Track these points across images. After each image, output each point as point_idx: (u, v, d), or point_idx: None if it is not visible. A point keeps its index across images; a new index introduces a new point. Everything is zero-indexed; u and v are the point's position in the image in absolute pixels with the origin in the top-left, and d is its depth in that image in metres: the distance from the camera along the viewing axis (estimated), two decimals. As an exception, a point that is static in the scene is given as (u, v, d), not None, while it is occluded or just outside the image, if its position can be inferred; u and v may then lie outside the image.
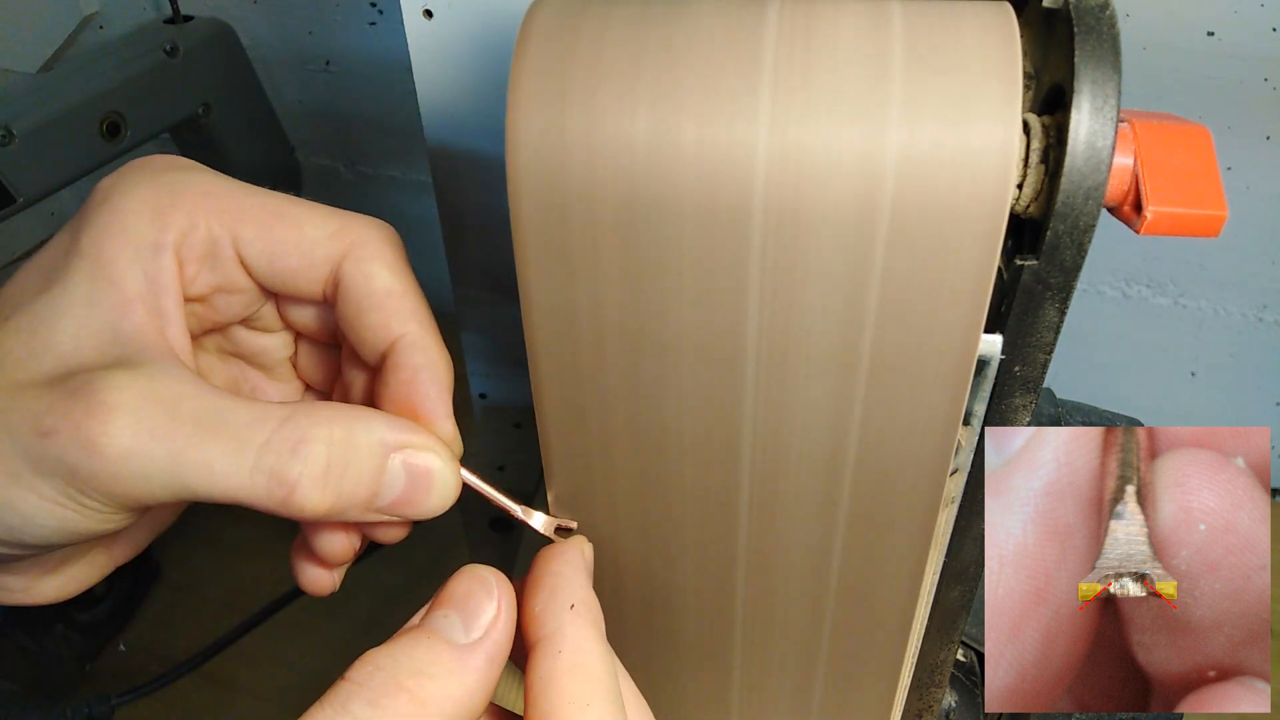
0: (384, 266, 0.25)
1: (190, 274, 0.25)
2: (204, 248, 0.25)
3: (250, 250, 0.25)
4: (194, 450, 0.22)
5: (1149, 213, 0.24)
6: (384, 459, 0.24)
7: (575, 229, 0.23)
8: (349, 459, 0.23)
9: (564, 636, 0.24)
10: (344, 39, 0.82)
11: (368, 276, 0.25)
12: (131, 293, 0.24)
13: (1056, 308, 0.24)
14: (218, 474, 0.22)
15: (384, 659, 0.22)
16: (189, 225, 0.25)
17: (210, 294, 0.26)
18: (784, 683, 0.32)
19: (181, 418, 0.22)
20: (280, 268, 0.25)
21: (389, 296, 0.25)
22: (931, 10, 0.23)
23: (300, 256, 0.25)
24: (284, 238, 0.25)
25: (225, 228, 0.25)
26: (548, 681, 0.23)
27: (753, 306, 0.24)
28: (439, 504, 0.25)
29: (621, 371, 0.26)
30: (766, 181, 0.22)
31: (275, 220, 0.25)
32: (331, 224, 0.25)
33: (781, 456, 0.26)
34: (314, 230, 0.25)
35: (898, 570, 0.28)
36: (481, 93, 0.49)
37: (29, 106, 0.64)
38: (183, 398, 0.22)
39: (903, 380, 0.24)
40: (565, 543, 0.25)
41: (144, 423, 0.21)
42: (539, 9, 0.24)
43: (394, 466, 0.24)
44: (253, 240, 0.25)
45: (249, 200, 0.25)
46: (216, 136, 0.78)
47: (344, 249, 0.25)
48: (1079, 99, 0.22)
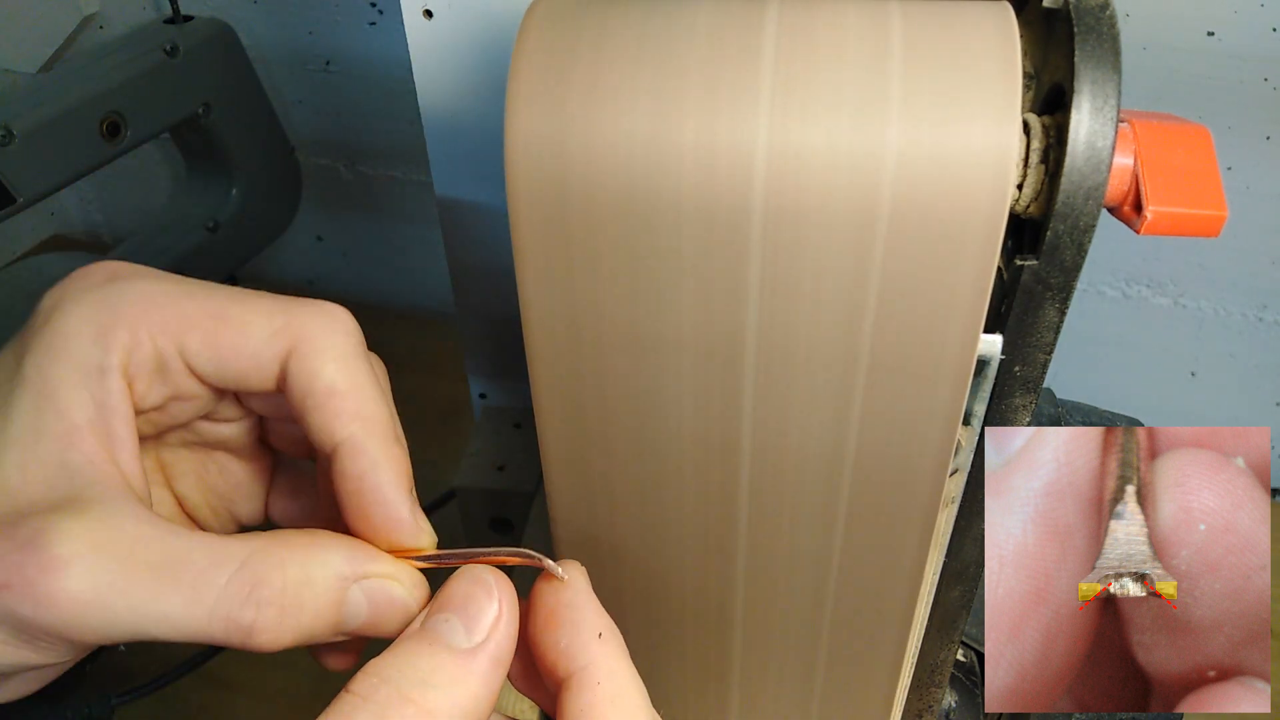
0: (329, 361, 0.25)
1: (140, 390, 0.25)
2: (151, 363, 0.24)
3: (197, 360, 0.25)
4: (151, 604, 0.21)
5: (1149, 213, 0.24)
6: (343, 592, 0.23)
7: (574, 228, 0.23)
8: (304, 599, 0.23)
9: (599, 668, 0.23)
10: (344, 39, 0.82)
11: (311, 375, 0.24)
12: (79, 420, 0.23)
13: (1056, 308, 0.24)
14: (175, 622, 0.22)
15: (388, 670, 0.21)
16: (133, 342, 0.24)
17: (164, 403, 0.26)
18: (784, 682, 0.32)
19: (137, 566, 0.21)
20: (229, 371, 0.25)
21: (330, 396, 0.24)
22: (931, 10, 0.23)
23: (247, 359, 0.25)
24: (230, 343, 0.25)
25: (170, 339, 0.24)
26: (589, 714, 0.23)
27: (752, 306, 0.24)
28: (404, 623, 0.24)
29: (621, 371, 0.26)
30: (766, 181, 0.22)
31: (219, 325, 0.25)
32: (277, 321, 0.25)
33: (781, 456, 0.26)
34: (259, 330, 0.25)
35: (897, 570, 0.28)
36: (481, 93, 0.49)
37: (29, 106, 0.64)
38: (137, 542, 0.22)
39: (902, 380, 0.24)
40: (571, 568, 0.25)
41: (99, 576, 0.21)
42: (538, 9, 0.24)
43: (355, 598, 0.24)
44: (199, 351, 0.25)
45: (190, 306, 0.25)
46: (216, 136, 0.78)
47: (289, 345, 0.25)
48: (1079, 99, 0.22)
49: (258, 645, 0.22)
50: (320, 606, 0.23)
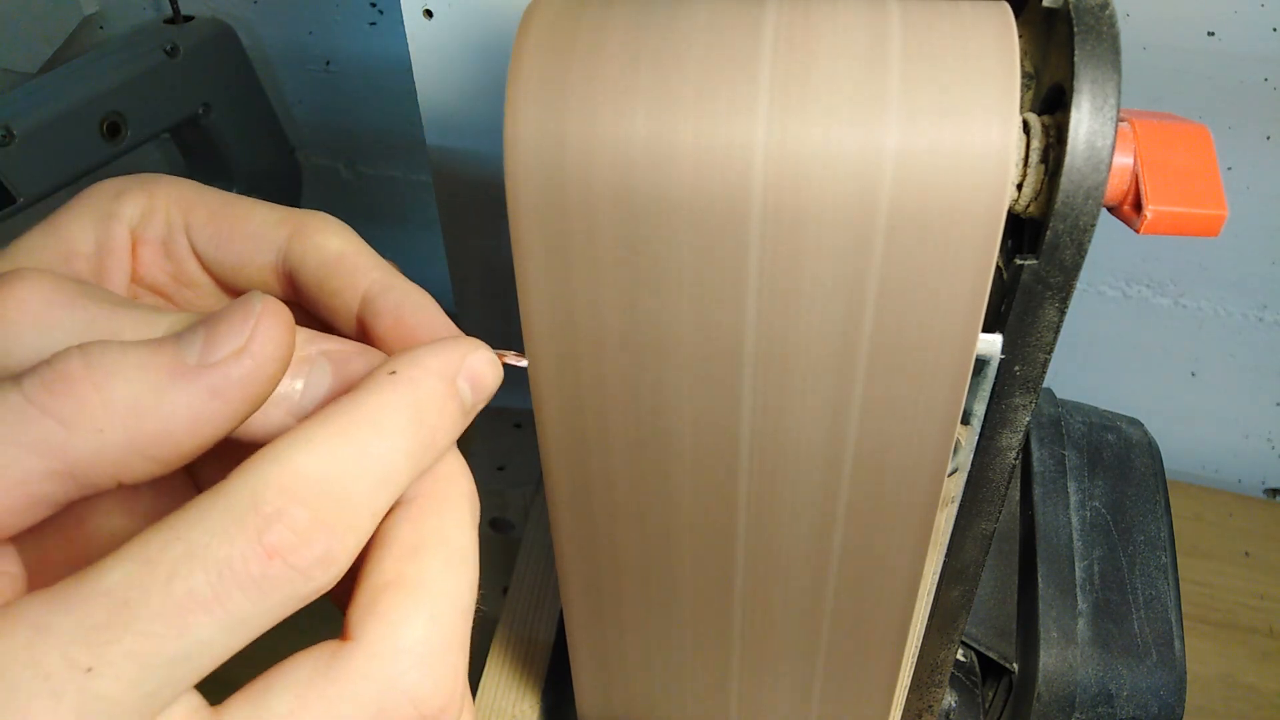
0: (332, 236, 0.25)
1: (144, 256, 0.25)
2: (160, 230, 0.25)
3: (200, 236, 0.25)
4: (106, 319, 0.20)
5: (1149, 212, 0.24)
6: (303, 352, 0.21)
7: (573, 229, 0.23)
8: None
9: None
10: (344, 39, 0.82)
11: (319, 246, 0.25)
12: (78, 248, 0.24)
13: (1056, 307, 0.24)
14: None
15: (94, 345, 0.18)
16: (148, 206, 0.25)
17: (167, 283, 0.26)
18: (783, 682, 0.32)
19: (98, 297, 0.21)
20: (228, 253, 0.25)
21: (343, 258, 0.24)
22: (929, 10, 0.23)
23: (247, 240, 0.25)
24: (232, 224, 0.25)
25: (180, 213, 0.25)
26: None
27: (751, 306, 0.24)
28: None
29: (620, 371, 0.25)
30: (765, 181, 0.22)
31: (225, 208, 0.25)
32: (279, 213, 0.25)
33: (780, 456, 0.26)
34: (262, 216, 0.25)
35: (897, 570, 0.28)
36: (481, 93, 0.49)
37: (29, 106, 0.64)
38: (102, 290, 0.21)
39: (901, 379, 0.24)
40: None
41: (57, 294, 0.20)
42: (537, 9, 0.24)
43: (319, 363, 0.22)
44: (203, 226, 0.25)
45: (204, 192, 0.26)
46: (216, 136, 0.78)
47: (291, 231, 0.25)
48: (1079, 98, 0.22)
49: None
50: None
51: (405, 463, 0.20)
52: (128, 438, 0.18)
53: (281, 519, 0.18)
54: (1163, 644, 0.37)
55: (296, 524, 0.18)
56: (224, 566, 0.17)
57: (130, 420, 0.18)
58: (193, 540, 0.17)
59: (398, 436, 0.20)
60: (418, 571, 0.20)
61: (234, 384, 0.19)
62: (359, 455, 0.19)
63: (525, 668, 0.46)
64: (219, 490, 0.18)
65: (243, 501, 0.18)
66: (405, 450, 0.20)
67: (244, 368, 0.19)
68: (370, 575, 0.20)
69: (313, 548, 0.18)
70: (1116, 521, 0.41)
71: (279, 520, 0.17)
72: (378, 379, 0.20)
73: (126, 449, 0.18)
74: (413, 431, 0.20)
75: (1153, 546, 0.40)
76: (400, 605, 0.20)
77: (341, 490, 0.18)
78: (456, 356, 0.21)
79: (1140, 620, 0.38)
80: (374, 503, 0.19)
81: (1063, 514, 0.41)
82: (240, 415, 0.19)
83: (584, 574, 0.31)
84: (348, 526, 0.18)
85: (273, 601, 0.18)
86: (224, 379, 0.18)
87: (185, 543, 0.17)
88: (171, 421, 0.18)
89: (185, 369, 0.18)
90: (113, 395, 0.18)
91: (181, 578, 0.17)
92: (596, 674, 0.34)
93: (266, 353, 0.19)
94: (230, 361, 0.18)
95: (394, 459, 0.20)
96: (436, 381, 0.21)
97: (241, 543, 0.17)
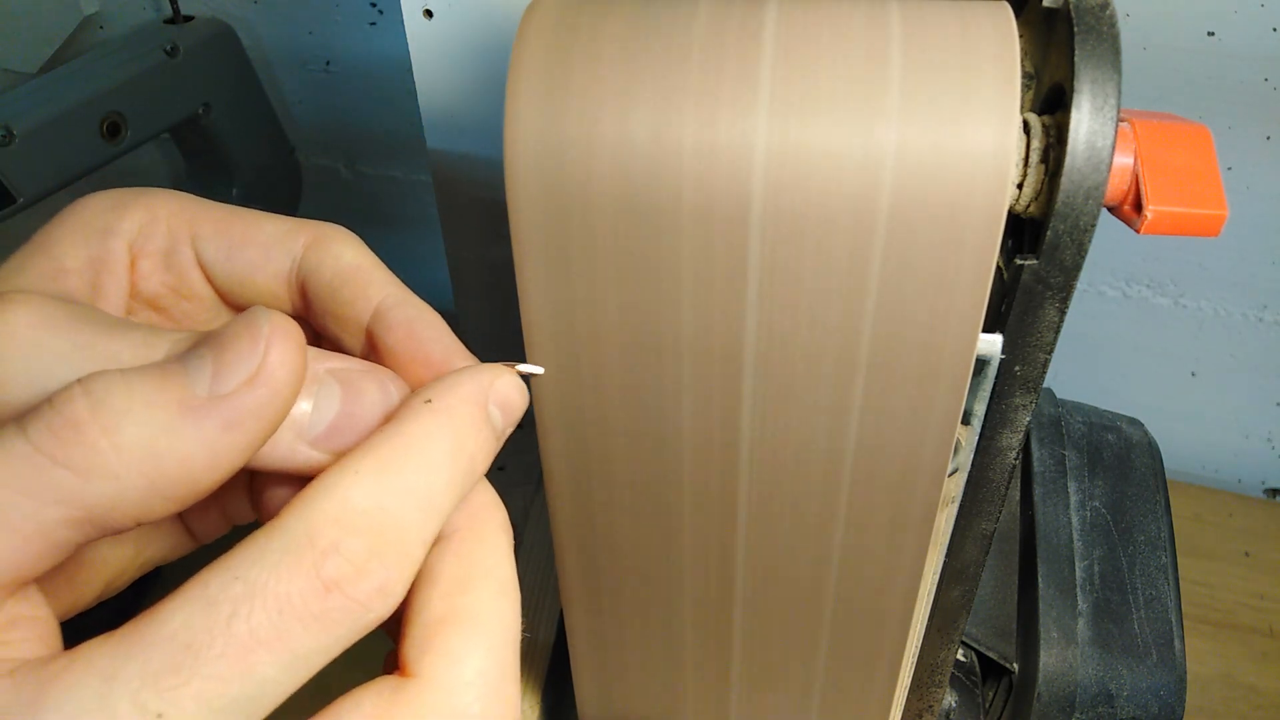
0: (348, 247, 0.24)
1: (144, 269, 0.24)
2: (162, 241, 0.24)
3: (208, 247, 0.25)
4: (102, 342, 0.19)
5: (1149, 212, 0.24)
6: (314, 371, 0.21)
7: (573, 229, 0.23)
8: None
9: None
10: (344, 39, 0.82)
11: (335, 256, 0.24)
12: (68, 265, 0.23)
13: (1056, 307, 0.24)
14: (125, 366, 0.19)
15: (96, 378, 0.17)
16: (148, 218, 0.24)
17: (166, 295, 0.25)
18: (783, 683, 0.32)
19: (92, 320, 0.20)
20: (239, 261, 0.24)
21: (358, 270, 0.24)
22: (929, 10, 0.23)
23: (258, 249, 0.24)
24: (242, 233, 0.25)
25: (184, 224, 0.24)
26: None
27: (751, 306, 0.24)
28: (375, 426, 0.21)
29: (620, 372, 0.25)
30: (765, 182, 0.22)
31: (233, 218, 0.25)
32: (290, 222, 0.25)
33: (780, 456, 0.26)
34: (272, 226, 0.25)
35: (897, 569, 0.28)
36: (481, 93, 0.49)
37: (29, 106, 0.64)
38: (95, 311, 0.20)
39: (901, 379, 0.24)
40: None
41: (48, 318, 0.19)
42: (537, 9, 0.24)
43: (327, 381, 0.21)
44: (210, 236, 0.25)
45: (207, 204, 0.25)
46: (216, 136, 0.78)
47: (303, 242, 0.25)
48: (1079, 98, 0.22)
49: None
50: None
51: (449, 491, 0.20)
52: (146, 482, 0.17)
53: (338, 551, 0.18)
54: (1163, 644, 0.37)
55: (354, 556, 0.18)
56: (284, 603, 0.17)
57: (147, 465, 0.17)
58: (251, 579, 0.17)
59: (441, 465, 0.20)
60: (470, 605, 0.20)
61: (249, 415, 0.18)
62: (407, 485, 0.19)
63: (525, 668, 0.46)
64: (274, 527, 0.18)
65: (298, 537, 0.17)
66: (448, 479, 0.20)
67: (258, 398, 0.18)
68: (422, 610, 0.20)
69: (371, 578, 0.18)
70: (1116, 521, 0.41)
71: (335, 553, 0.17)
72: (414, 408, 0.20)
73: (146, 493, 0.17)
74: (454, 460, 0.20)
75: (1153, 546, 0.40)
76: (458, 639, 0.20)
77: (394, 521, 0.18)
78: (486, 382, 0.21)
79: (1140, 620, 0.38)
80: (424, 531, 0.19)
81: (1063, 514, 0.41)
82: (257, 444, 0.18)
83: (584, 574, 0.31)
84: (402, 555, 0.18)
85: (333, 635, 0.18)
86: (238, 411, 0.18)
87: (244, 582, 0.17)
88: (189, 462, 0.17)
89: (196, 403, 0.18)
90: (125, 440, 0.17)
91: (242, 617, 0.17)
92: (596, 674, 0.34)
93: (280, 378, 0.18)
94: (243, 392, 0.18)
95: (439, 487, 0.20)
96: (473, 409, 0.21)
97: (300, 578, 0.17)
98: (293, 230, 0.25)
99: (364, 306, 0.24)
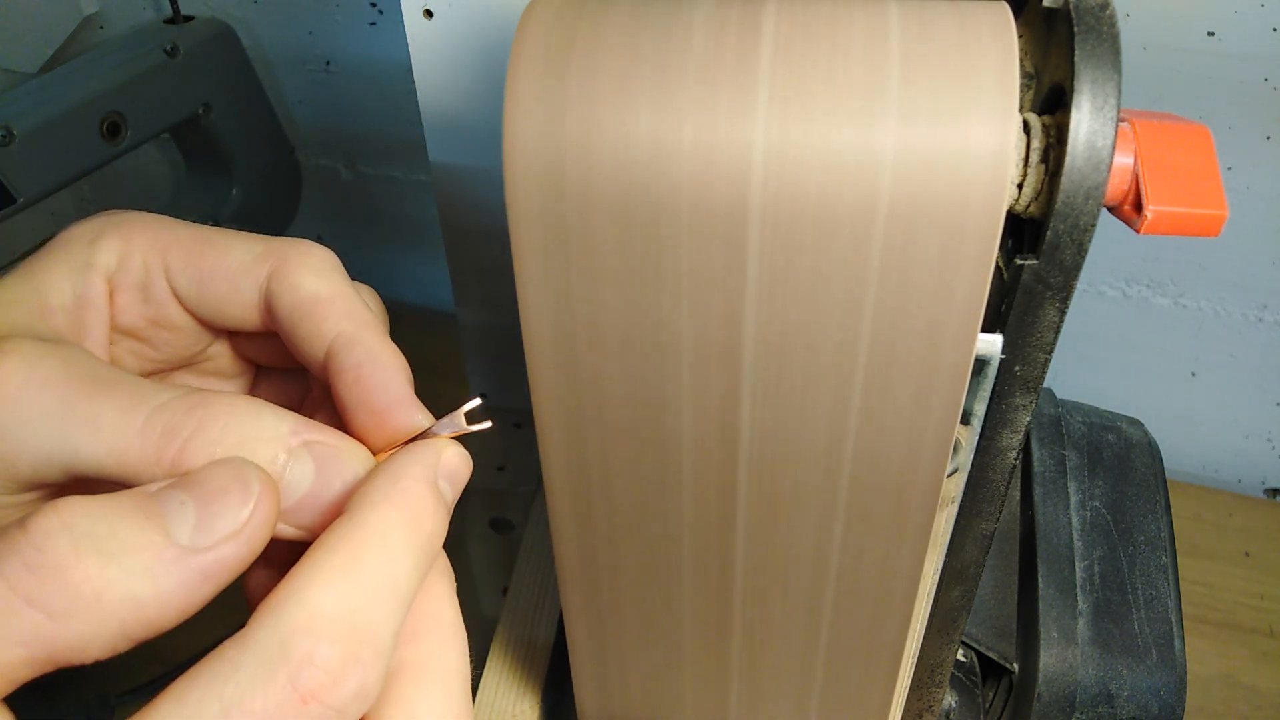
0: (310, 274, 0.24)
1: (121, 303, 0.25)
2: (137, 275, 0.25)
3: (180, 279, 0.25)
4: (85, 403, 0.20)
5: (1149, 212, 0.24)
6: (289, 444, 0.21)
7: (573, 229, 0.23)
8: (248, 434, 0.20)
9: None
10: (344, 39, 0.81)
11: (294, 286, 0.24)
12: (54, 303, 0.23)
13: (1056, 307, 0.24)
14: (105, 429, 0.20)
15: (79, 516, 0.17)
16: (124, 251, 0.25)
17: (145, 327, 0.26)
18: (783, 683, 0.32)
19: (79, 375, 0.20)
20: (209, 293, 0.25)
21: (316, 303, 0.24)
22: (929, 10, 0.23)
23: (226, 280, 0.25)
24: (211, 263, 0.25)
25: (158, 255, 0.25)
26: None
27: (750, 306, 0.24)
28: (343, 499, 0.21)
29: (620, 372, 0.25)
30: (764, 182, 0.22)
31: (203, 247, 0.25)
32: (258, 247, 0.25)
33: (779, 456, 0.26)
34: (240, 254, 0.25)
35: (897, 569, 0.28)
36: (481, 93, 0.49)
37: (29, 106, 0.64)
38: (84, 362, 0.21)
39: (900, 379, 0.24)
40: None
41: (36, 371, 0.20)
42: (536, 9, 0.24)
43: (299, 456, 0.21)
44: (182, 269, 0.25)
45: (180, 231, 0.25)
46: (216, 136, 0.78)
47: (270, 268, 0.25)
48: (1079, 98, 0.22)
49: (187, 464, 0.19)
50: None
51: (413, 576, 0.20)
52: (119, 626, 0.17)
53: (313, 662, 0.18)
54: (1163, 644, 0.37)
55: (329, 664, 0.18)
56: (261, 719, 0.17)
57: (124, 609, 0.17)
58: (227, 697, 0.17)
59: (403, 554, 0.20)
60: (419, 655, 0.21)
61: (228, 569, 0.18)
62: (373, 581, 0.19)
63: (525, 668, 0.46)
64: (246, 640, 0.18)
65: (271, 650, 0.17)
66: (412, 565, 0.20)
67: (239, 555, 0.18)
68: None
69: (348, 683, 0.18)
70: (1116, 521, 0.41)
71: (310, 664, 0.18)
72: (370, 499, 0.20)
73: (117, 635, 0.18)
74: (414, 544, 0.20)
75: (1153, 546, 0.40)
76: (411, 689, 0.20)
77: (364, 620, 0.19)
78: (433, 461, 0.22)
79: (1140, 620, 0.38)
80: (394, 623, 0.19)
81: (1063, 514, 0.41)
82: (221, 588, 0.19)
83: (584, 574, 0.31)
84: (376, 654, 0.19)
85: None
86: (219, 564, 0.18)
87: (220, 700, 0.17)
88: (166, 609, 0.18)
89: (176, 552, 0.18)
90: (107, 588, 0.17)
91: None
92: (596, 674, 0.34)
93: (261, 536, 0.19)
94: (225, 546, 0.18)
95: (403, 576, 0.20)
96: (423, 489, 0.21)
97: (276, 693, 0.17)
98: (260, 257, 0.25)
99: (319, 344, 0.24)
